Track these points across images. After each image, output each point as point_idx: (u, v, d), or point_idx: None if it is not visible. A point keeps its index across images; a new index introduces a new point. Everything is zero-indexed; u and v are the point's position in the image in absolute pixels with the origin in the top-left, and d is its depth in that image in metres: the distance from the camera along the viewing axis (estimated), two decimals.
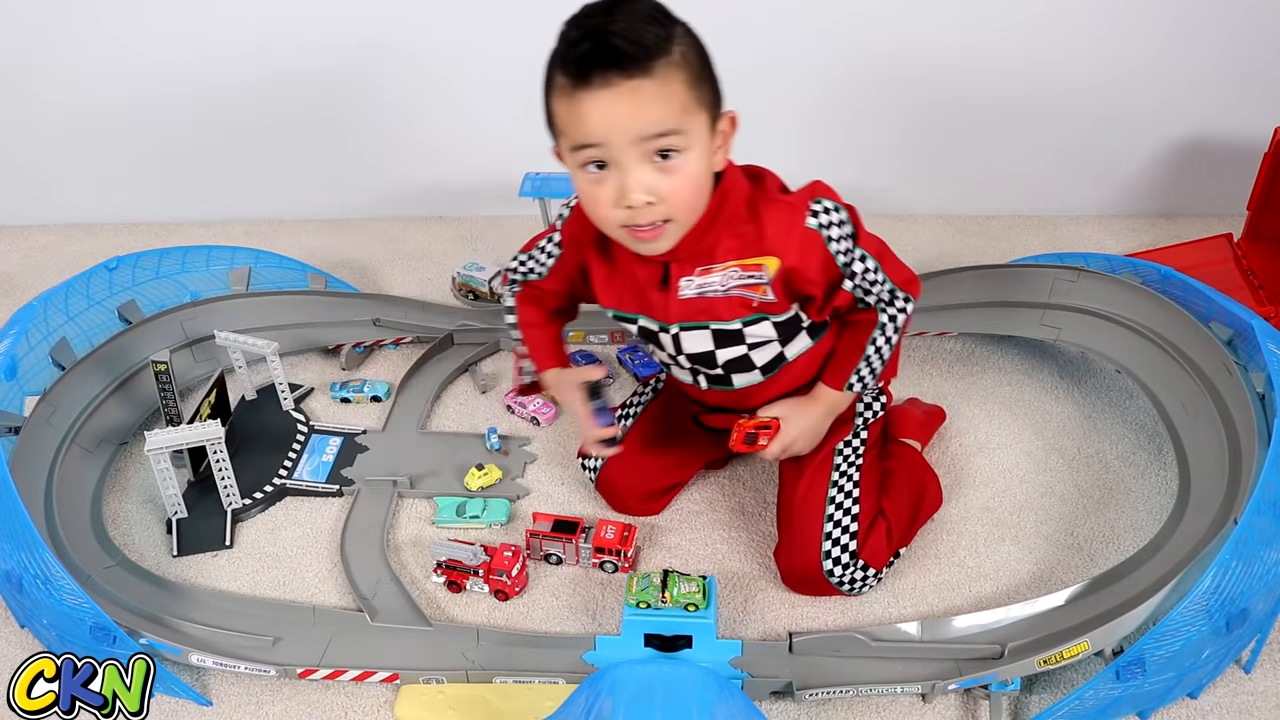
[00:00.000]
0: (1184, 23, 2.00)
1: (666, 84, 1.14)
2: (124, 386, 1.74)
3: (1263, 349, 1.44)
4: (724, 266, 1.27)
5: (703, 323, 1.32)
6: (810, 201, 1.26)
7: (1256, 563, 1.23)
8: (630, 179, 1.17)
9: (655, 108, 1.14)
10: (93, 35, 2.08)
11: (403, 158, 2.24)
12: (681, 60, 1.15)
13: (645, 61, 1.13)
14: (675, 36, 1.16)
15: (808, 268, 1.27)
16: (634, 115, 1.14)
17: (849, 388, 1.40)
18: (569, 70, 1.15)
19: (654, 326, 1.35)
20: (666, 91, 1.14)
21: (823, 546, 1.41)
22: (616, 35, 1.12)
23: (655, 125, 1.15)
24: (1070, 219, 2.23)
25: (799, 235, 1.25)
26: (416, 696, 1.33)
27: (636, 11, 1.15)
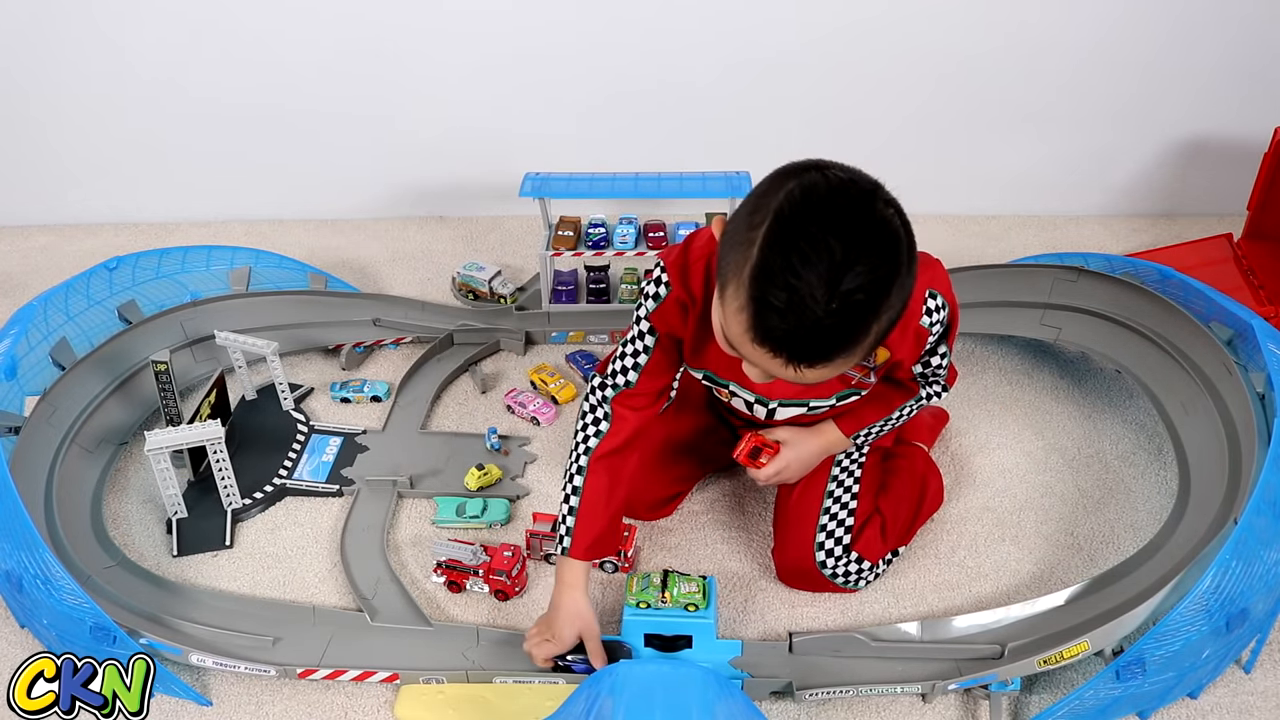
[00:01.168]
0: (1184, 23, 2.00)
1: (844, 363, 1.06)
2: (124, 386, 1.74)
3: (1263, 349, 1.44)
4: None
5: (802, 400, 1.35)
6: (926, 295, 1.25)
7: (1256, 563, 1.23)
8: (758, 379, 1.13)
9: (815, 378, 1.08)
10: (92, 36, 2.08)
11: (403, 158, 2.24)
12: (875, 334, 1.05)
13: (831, 358, 1.04)
14: (882, 314, 1.03)
15: (910, 359, 1.30)
16: (791, 379, 1.08)
17: (855, 437, 1.42)
18: (750, 327, 1.04)
19: (749, 397, 1.37)
20: (839, 369, 1.07)
21: (816, 539, 1.42)
22: (814, 341, 1.02)
23: (805, 383, 1.10)
24: (1070, 219, 2.23)
25: (913, 332, 1.26)
26: (416, 696, 1.33)
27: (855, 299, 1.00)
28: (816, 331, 1.01)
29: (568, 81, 2.12)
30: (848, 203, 1.01)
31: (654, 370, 1.34)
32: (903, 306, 1.06)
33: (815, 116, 2.14)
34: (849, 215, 1.00)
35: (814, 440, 1.43)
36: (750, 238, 1.02)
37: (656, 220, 1.95)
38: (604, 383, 1.36)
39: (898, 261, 1.02)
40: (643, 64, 2.09)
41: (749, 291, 1.02)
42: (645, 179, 1.89)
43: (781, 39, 2.05)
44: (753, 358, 1.08)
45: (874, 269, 1.00)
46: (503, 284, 1.98)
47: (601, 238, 1.90)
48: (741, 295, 1.03)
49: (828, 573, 1.42)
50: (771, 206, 1.01)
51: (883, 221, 1.02)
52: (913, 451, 1.57)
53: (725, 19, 2.03)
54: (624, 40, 2.07)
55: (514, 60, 2.10)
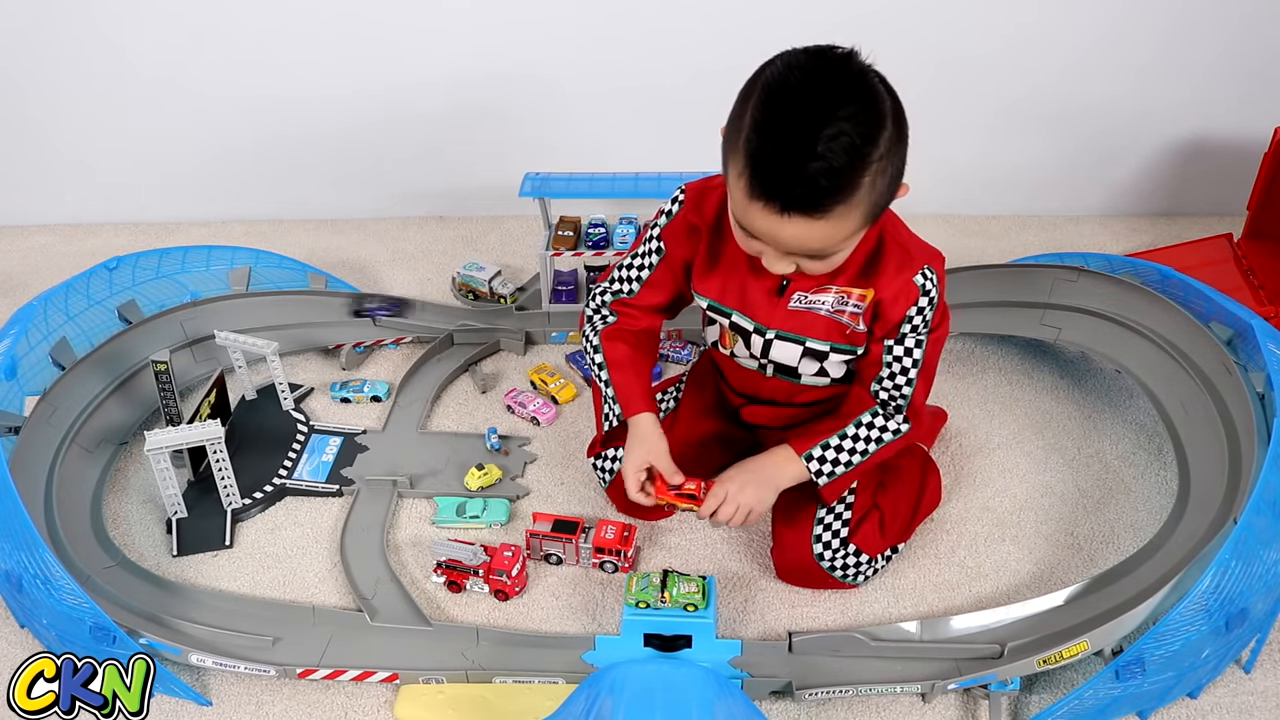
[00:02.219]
0: (1184, 23, 2.00)
1: (839, 223, 1.13)
2: (124, 386, 1.74)
3: (1263, 349, 1.45)
4: (839, 289, 1.30)
5: (799, 337, 1.35)
6: (925, 267, 1.29)
7: (1256, 562, 1.23)
8: (777, 266, 1.21)
9: (816, 242, 1.15)
10: (92, 36, 2.08)
11: (403, 158, 2.24)
12: (866, 194, 1.11)
13: (826, 207, 1.11)
14: (870, 167, 1.09)
15: (892, 310, 1.30)
16: (795, 241, 1.16)
17: (808, 458, 1.36)
18: (748, 188, 1.12)
19: (749, 325, 1.37)
20: (834, 229, 1.14)
21: (814, 531, 1.42)
22: (810, 183, 1.08)
23: (809, 251, 1.18)
24: (1070, 219, 2.23)
25: (904, 283, 1.28)
26: (416, 696, 1.33)
27: (840, 145, 1.07)
28: (809, 175, 1.08)
29: (568, 80, 2.12)
30: (826, 62, 1.11)
31: (655, 284, 1.42)
32: (896, 172, 1.13)
33: None
34: (828, 71, 1.10)
35: (765, 468, 1.38)
36: (742, 110, 1.13)
37: None
38: (605, 288, 1.44)
39: (879, 109, 1.10)
40: (643, 63, 2.09)
41: (745, 152, 1.11)
42: (645, 179, 1.89)
43: (782, 37, 2.04)
44: (758, 223, 1.14)
45: (857, 114, 1.08)
46: (503, 284, 1.98)
47: (601, 238, 1.90)
48: (740, 160, 1.12)
49: (826, 565, 1.42)
50: (758, 81, 1.13)
51: (861, 74, 1.10)
52: (912, 450, 1.57)
53: (726, 17, 2.03)
54: (624, 39, 2.07)
55: (514, 59, 2.10)
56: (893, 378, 1.35)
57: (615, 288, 1.44)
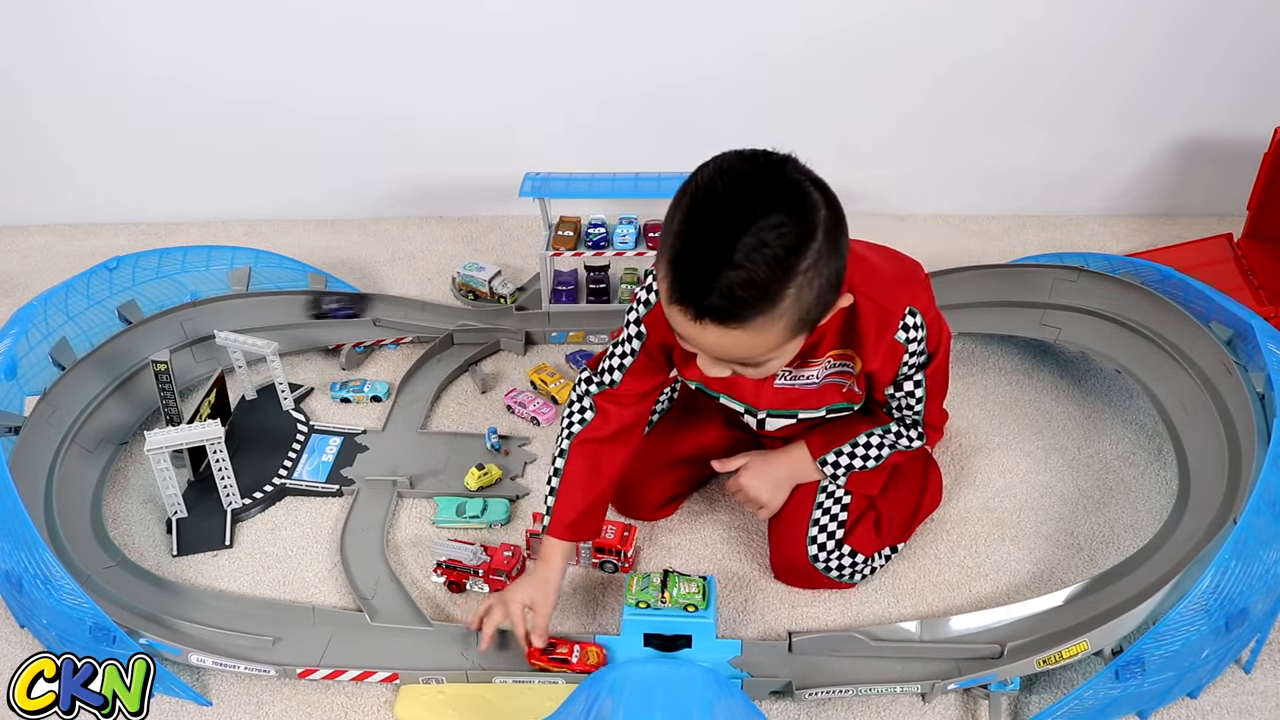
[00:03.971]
0: (1184, 23, 2.00)
1: (759, 334, 1.09)
2: (124, 386, 1.74)
3: (1263, 349, 1.44)
4: (821, 360, 1.31)
5: (791, 412, 1.36)
6: (905, 313, 1.26)
7: (1256, 563, 1.23)
8: (711, 369, 1.17)
9: (740, 350, 1.12)
10: (92, 36, 2.08)
11: (403, 158, 2.24)
12: (791, 306, 1.07)
13: (744, 318, 1.07)
14: (794, 280, 1.05)
15: (885, 373, 1.31)
16: (718, 350, 1.13)
17: (822, 463, 1.41)
18: (669, 291, 1.08)
19: (739, 408, 1.38)
20: (756, 340, 1.10)
21: (809, 533, 1.42)
22: (727, 294, 1.04)
23: (734, 359, 1.14)
24: (1070, 219, 2.23)
25: (887, 344, 1.27)
26: (416, 696, 1.33)
27: (762, 257, 1.03)
28: (725, 285, 1.04)
29: (568, 81, 2.12)
30: (756, 168, 1.06)
31: (638, 372, 1.36)
32: (827, 284, 1.09)
33: (816, 116, 2.14)
34: (757, 177, 1.06)
35: (779, 461, 1.43)
36: (672, 213, 1.08)
37: (656, 220, 1.95)
38: (590, 378, 1.39)
39: (810, 220, 1.05)
40: (643, 63, 2.09)
41: (667, 257, 1.07)
42: (645, 179, 1.89)
43: (783, 38, 2.05)
44: (680, 328, 1.11)
45: (782, 224, 1.04)
46: (503, 284, 1.98)
47: (601, 238, 1.90)
48: (664, 263, 1.08)
49: (820, 566, 1.42)
50: (689, 184, 1.08)
51: (793, 183, 1.06)
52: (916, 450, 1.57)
53: (726, 18, 2.03)
54: (624, 40, 2.07)
55: (514, 60, 2.10)
56: (900, 410, 1.38)
57: (600, 379, 1.38)
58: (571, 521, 1.35)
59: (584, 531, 1.37)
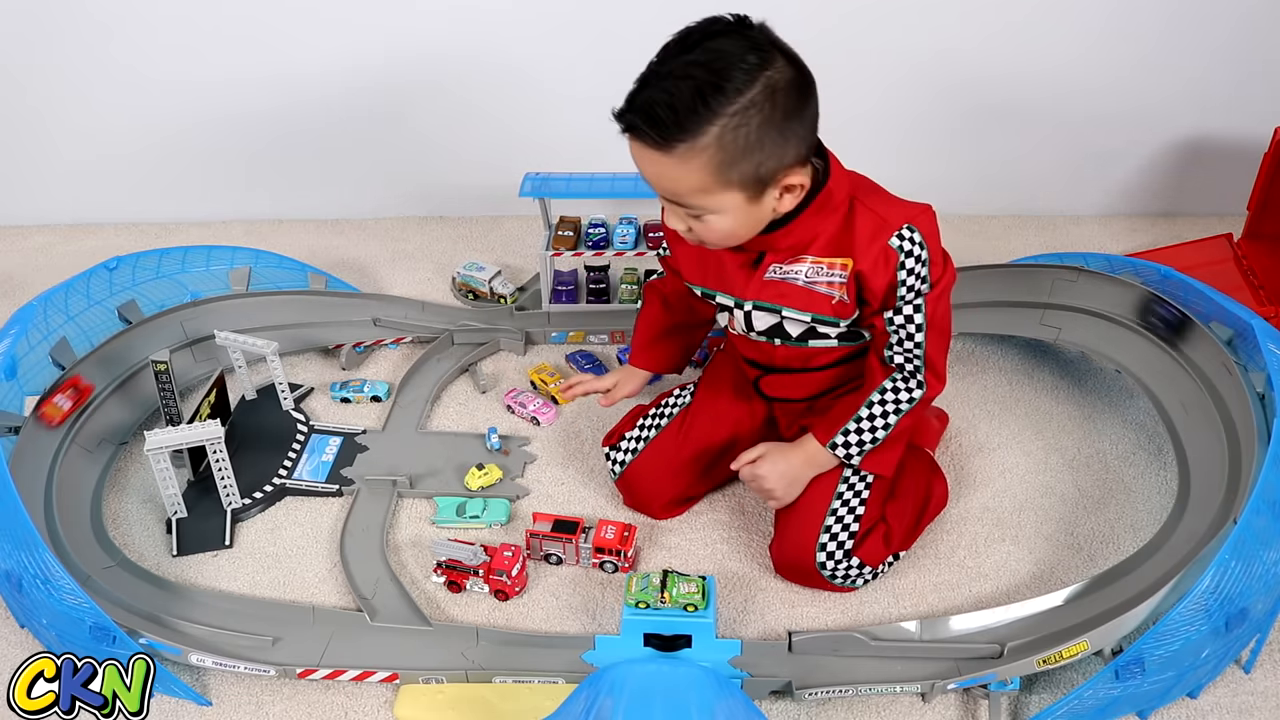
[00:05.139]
0: (1184, 22, 2.00)
1: (684, 166, 1.18)
2: (124, 386, 1.74)
3: (1263, 349, 1.44)
4: (813, 260, 1.32)
5: (775, 306, 1.36)
6: (904, 225, 1.29)
7: (1256, 562, 1.23)
8: (670, 219, 1.29)
9: (669, 182, 1.21)
10: (92, 35, 2.08)
11: (403, 158, 2.24)
12: (714, 145, 1.16)
13: (665, 141, 1.16)
14: (718, 118, 1.14)
15: (875, 279, 1.30)
16: (654, 179, 1.23)
17: (832, 446, 1.40)
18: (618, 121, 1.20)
19: (730, 302, 1.40)
20: (682, 173, 1.18)
21: (820, 539, 1.41)
22: (645, 108, 1.16)
23: (670, 195, 1.23)
24: (1070, 219, 2.23)
25: (880, 248, 1.29)
26: (416, 696, 1.34)
27: (687, 86, 1.14)
28: (647, 102, 1.15)
29: (568, 81, 2.12)
30: (724, 25, 1.17)
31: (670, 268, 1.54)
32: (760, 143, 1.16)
33: None
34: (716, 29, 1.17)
35: (795, 453, 1.43)
36: None
37: (656, 220, 1.95)
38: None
39: (753, 75, 1.14)
40: (643, 63, 2.09)
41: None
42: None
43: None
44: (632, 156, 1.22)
45: (722, 69, 1.14)
46: (503, 284, 1.98)
47: (601, 238, 1.90)
48: None
49: (826, 574, 1.42)
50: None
51: (750, 39, 1.16)
52: (918, 455, 1.57)
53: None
54: (624, 40, 2.06)
55: (514, 59, 2.10)
56: (901, 343, 1.36)
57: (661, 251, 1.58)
58: (643, 347, 1.59)
59: (656, 359, 1.60)
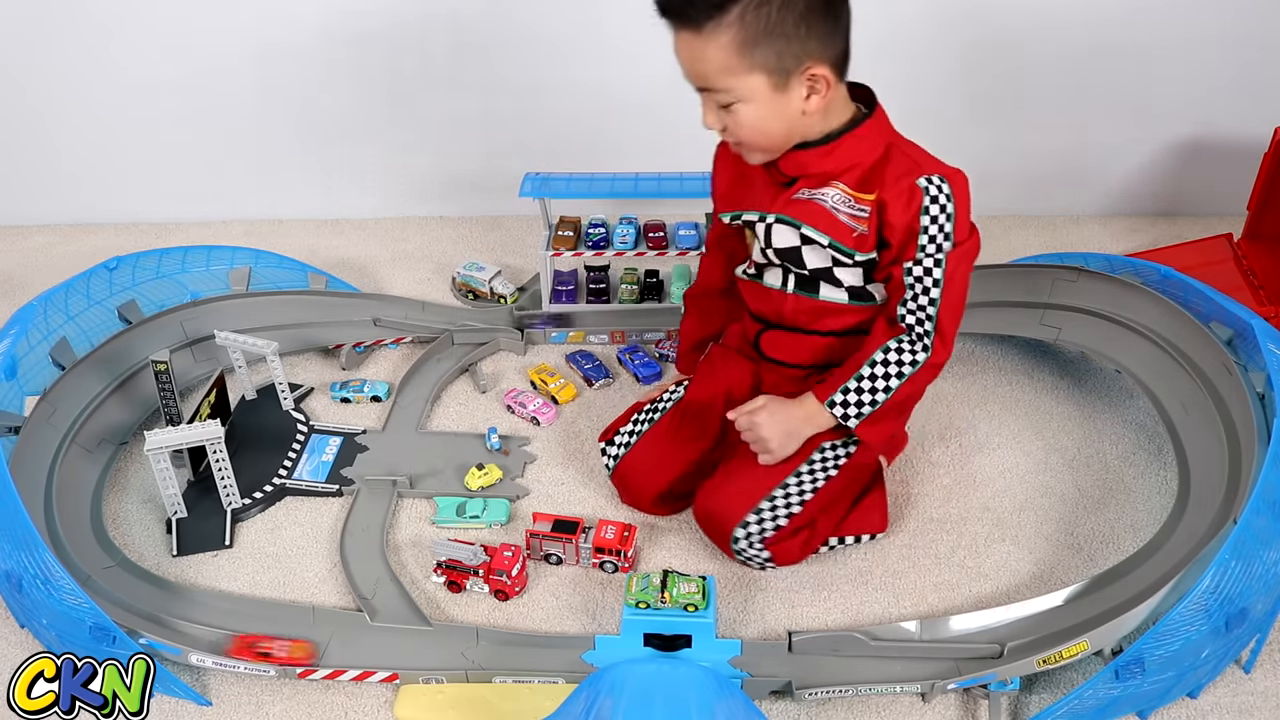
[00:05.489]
0: (1184, 23, 2.00)
1: (711, 43, 1.22)
2: (124, 386, 1.74)
3: (1263, 349, 1.45)
4: (842, 188, 1.34)
5: (797, 221, 1.36)
6: (935, 175, 1.32)
7: (1256, 562, 1.24)
8: (702, 111, 1.31)
9: (700, 64, 1.25)
10: (92, 36, 2.08)
11: (403, 157, 2.24)
12: (737, 22, 1.20)
13: (693, 19, 1.22)
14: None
15: (896, 214, 1.31)
16: (688, 64, 1.27)
17: (831, 404, 1.39)
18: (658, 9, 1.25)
19: (754, 217, 1.40)
20: (710, 52, 1.23)
21: (746, 516, 1.42)
22: None
23: (701, 79, 1.27)
24: (1070, 219, 2.23)
25: (907, 186, 1.31)
26: (416, 696, 1.34)
27: None
28: None
29: (568, 81, 2.12)
30: None
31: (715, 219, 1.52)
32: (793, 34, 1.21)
33: None
34: None
35: (796, 408, 1.41)
36: None
37: (656, 220, 1.95)
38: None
39: None
40: (644, 62, 2.09)
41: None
42: (645, 179, 1.89)
43: None
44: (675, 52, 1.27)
45: None
46: (503, 284, 1.98)
47: (601, 238, 1.90)
48: None
49: (735, 547, 1.44)
50: None
51: None
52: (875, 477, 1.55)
53: None
54: (625, 39, 2.06)
55: (513, 59, 2.10)
56: (915, 299, 1.35)
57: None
58: (686, 353, 1.65)
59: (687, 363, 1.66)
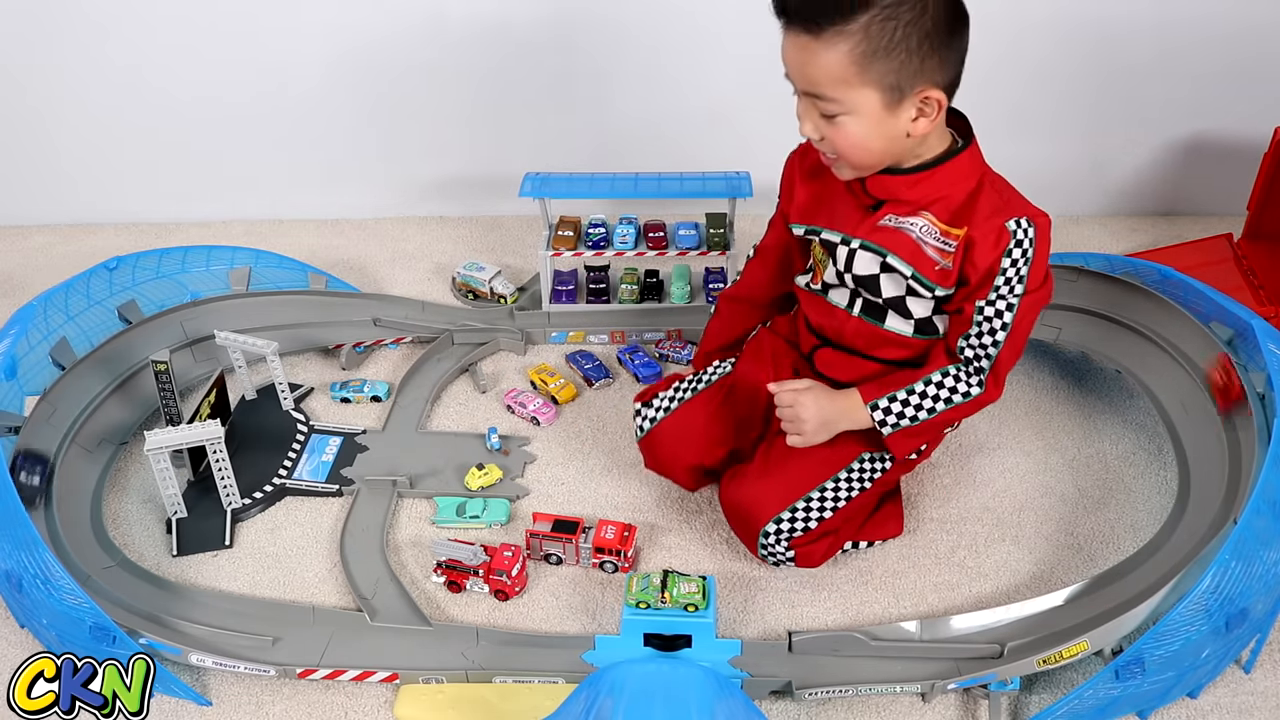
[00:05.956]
0: (1184, 23, 2.00)
1: (829, 51, 1.19)
2: (124, 386, 1.74)
3: (1263, 349, 1.44)
4: (930, 220, 1.32)
5: (882, 249, 1.34)
6: (1024, 217, 1.31)
7: (1256, 563, 1.24)
8: (801, 117, 1.28)
9: (813, 70, 1.22)
10: (92, 36, 2.08)
11: (403, 157, 2.24)
12: (860, 32, 1.18)
13: (815, 22, 1.19)
14: (870, 7, 1.17)
15: (982, 254, 1.30)
16: (798, 67, 1.24)
17: (873, 407, 1.38)
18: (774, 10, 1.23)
19: (836, 239, 1.39)
20: (826, 59, 1.20)
21: (781, 514, 1.40)
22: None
23: (811, 85, 1.24)
24: (1070, 219, 2.23)
25: (997, 226, 1.30)
26: (416, 696, 1.34)
27: None
28: None
29: (568, 80, 2.12)
30: None
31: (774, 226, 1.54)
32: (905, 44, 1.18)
33: None
34: None
35: (839, 400, 1.40)
36: None
37: (656, 220, 1.95)
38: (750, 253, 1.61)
39: None
40: (644, 62, 2.09)
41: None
42: (645, 179, 1.89)
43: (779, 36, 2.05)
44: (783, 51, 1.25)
45: None
46: (503, 284, 1.98)
47: (601, 238, 1.90)
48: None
49: (761, 544, 1.42)
50: None
51: None
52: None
53: (725, 16, 2.03)
54: (626, 39, 2.07)
55: (513, 59, 2.10)
56: (980, 336, 1.34)
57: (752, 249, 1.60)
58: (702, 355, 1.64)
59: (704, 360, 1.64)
